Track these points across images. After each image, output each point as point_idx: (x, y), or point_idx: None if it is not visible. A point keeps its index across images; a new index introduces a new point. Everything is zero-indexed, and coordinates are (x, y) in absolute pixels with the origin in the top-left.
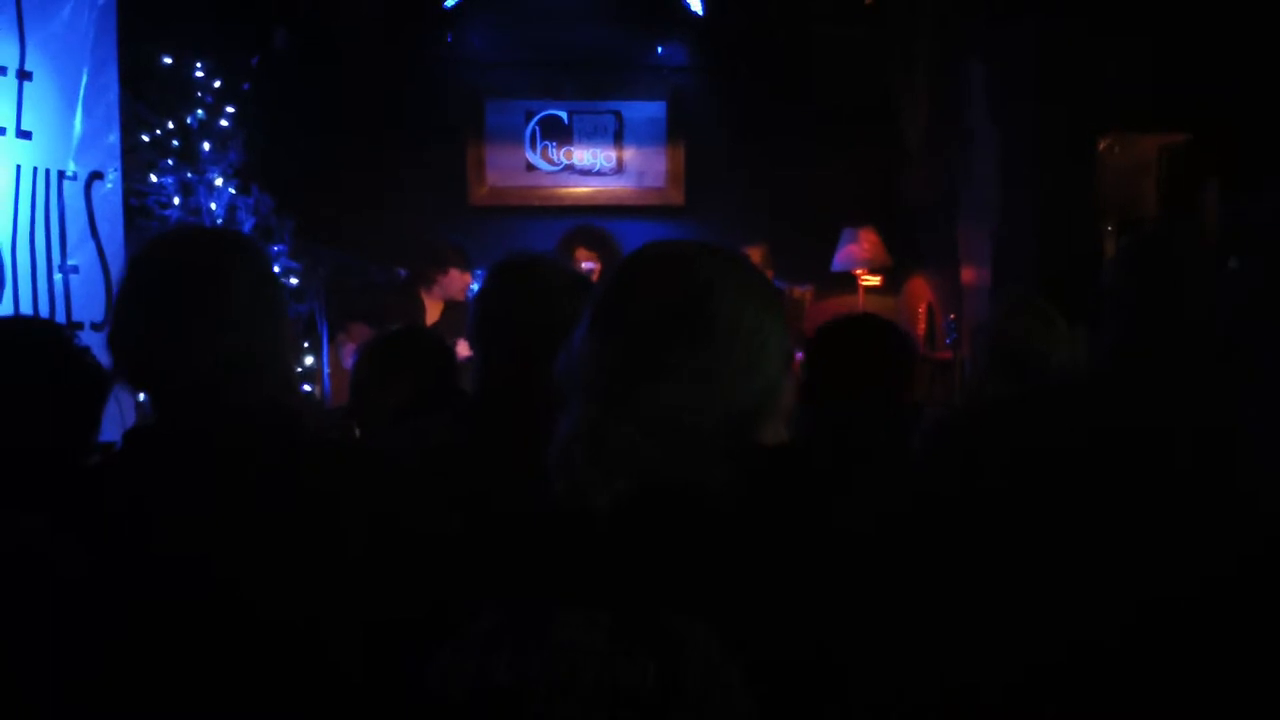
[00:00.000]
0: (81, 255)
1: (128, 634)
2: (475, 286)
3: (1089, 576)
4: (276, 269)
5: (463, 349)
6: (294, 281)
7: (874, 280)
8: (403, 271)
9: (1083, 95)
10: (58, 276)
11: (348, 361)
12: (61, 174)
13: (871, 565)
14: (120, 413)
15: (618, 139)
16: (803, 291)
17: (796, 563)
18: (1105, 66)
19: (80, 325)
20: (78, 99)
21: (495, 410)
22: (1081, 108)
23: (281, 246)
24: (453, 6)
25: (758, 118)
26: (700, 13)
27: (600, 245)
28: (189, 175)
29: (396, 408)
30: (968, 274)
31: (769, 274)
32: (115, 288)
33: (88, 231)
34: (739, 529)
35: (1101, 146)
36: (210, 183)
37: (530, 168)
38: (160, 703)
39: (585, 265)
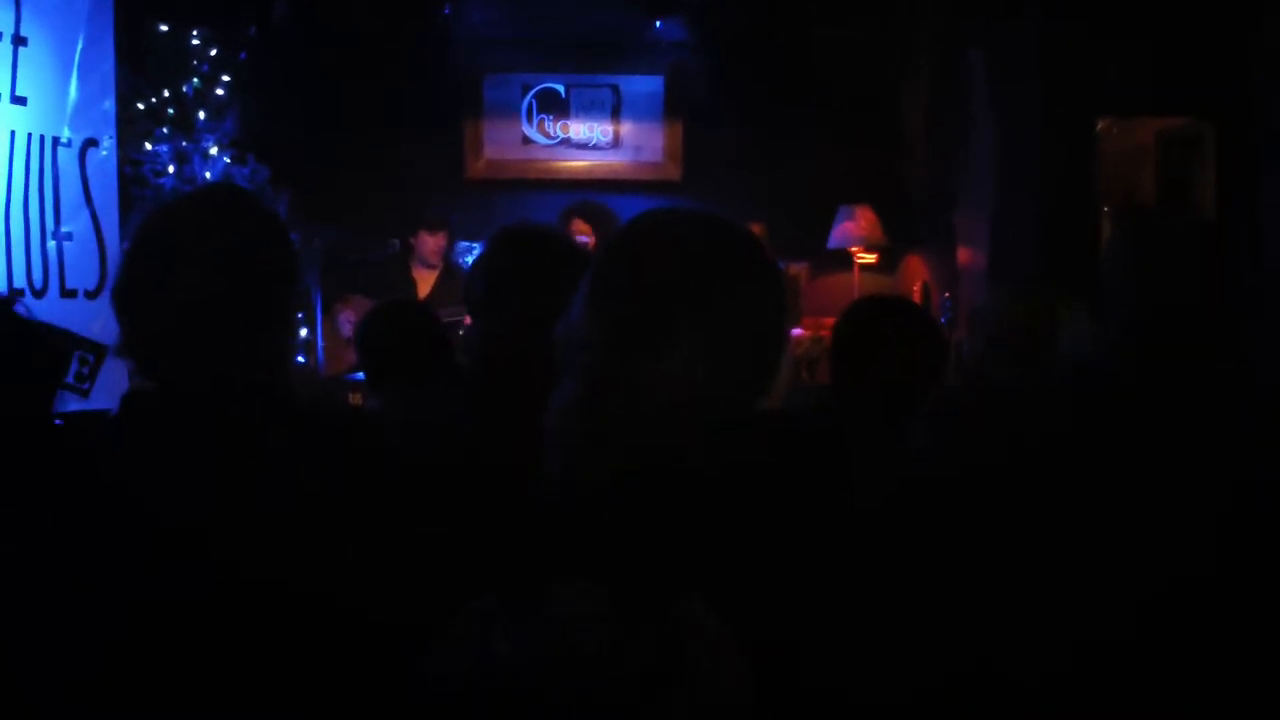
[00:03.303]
0: (76, 223)
1: (127, 611)
2: (468, 250)
3: (1087, 569)
4: None
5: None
6: None
7: (869, 258)
8: (396, 243)
9: (1081, 82)
10: (51, 244)
11: (345, 330)
12: (56, 140)
13: (870, 546)
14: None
15: (614, 113)
16: (798, 269)
17: (793, 540)
18: (1104, 57)
19: (74, 293)
20: (73, 65)
21: (497, 381)
22: (1080, 95)
23: None
24: None
25: (756, 94)
26: None
27: (596, 220)
28: (184, 144)
29: (393, 380)
30: (964, 255)
31: None
32: (116, 253)
33: (82, 199)
34: (735, 504)
35: (1099, 129)
36: (205, 152)
37: (527, 141)
38: (160, 685)
39: (580, 239)
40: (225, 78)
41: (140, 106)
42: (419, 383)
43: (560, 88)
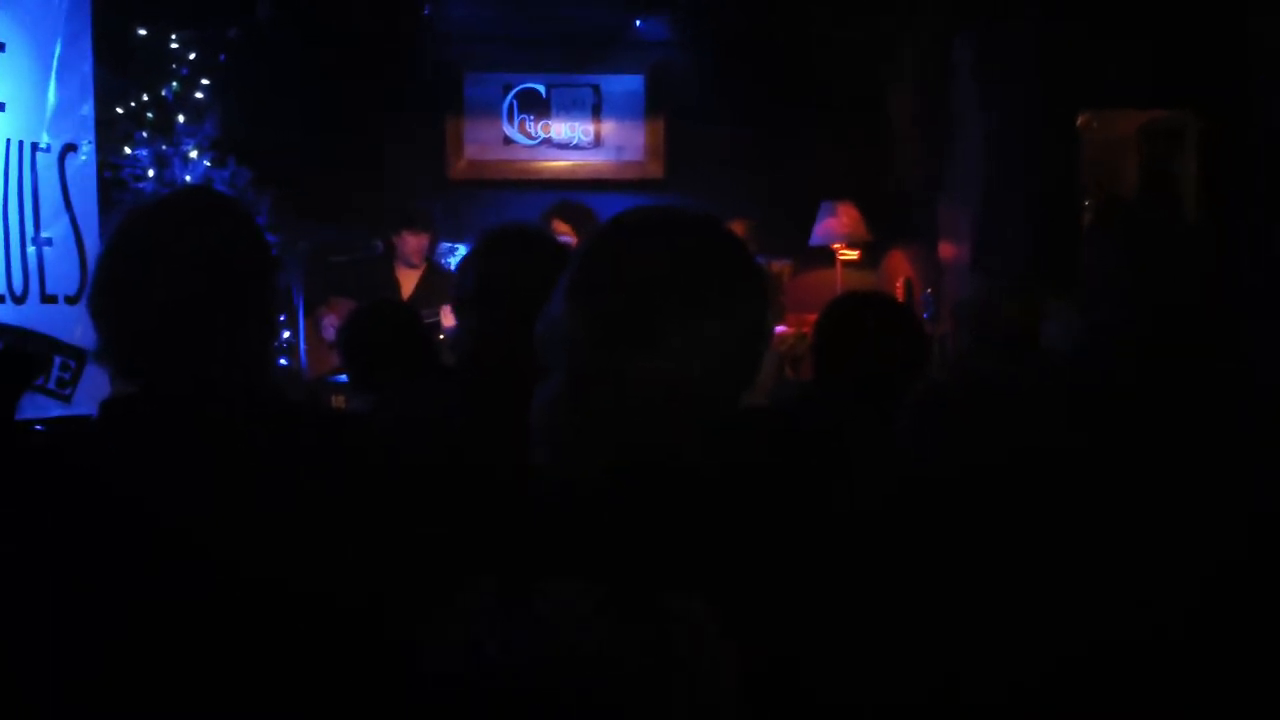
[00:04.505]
0: (55, 228)
1: (120, 613)
2: (450, 251)
3: (1085, 569)
4: None
5: (446, 318)
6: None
7: (852, 255)
8: (379, 244)
9: (1073, 78)
10: (31, 249)
11: (329, 334)
12: (35, 146)
13: (867, 545)
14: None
15: (595, 112)
16: (781, 266)
17: (790, 538)
18: (1095, 54)
19: (54, 299)
20: (51, 70)
21: (488, 378)
22: (1071, 90)
23: (259, 220)
24: None
25: (739, 91)
26: None
27: (577, 220)
28: (164, 148)
29: (384, 376)
30: (947, 249)
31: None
32: (94, 258)
33: (61, 204)
34: (730, 501)
35: (1080, 121)
36: (185, 155)
37: (508, 141)
38: (158, 686)
39: (562, 239)
40: (205, 80)
41: (119, 110)
42: (410, 379)
43: (541, 87)
